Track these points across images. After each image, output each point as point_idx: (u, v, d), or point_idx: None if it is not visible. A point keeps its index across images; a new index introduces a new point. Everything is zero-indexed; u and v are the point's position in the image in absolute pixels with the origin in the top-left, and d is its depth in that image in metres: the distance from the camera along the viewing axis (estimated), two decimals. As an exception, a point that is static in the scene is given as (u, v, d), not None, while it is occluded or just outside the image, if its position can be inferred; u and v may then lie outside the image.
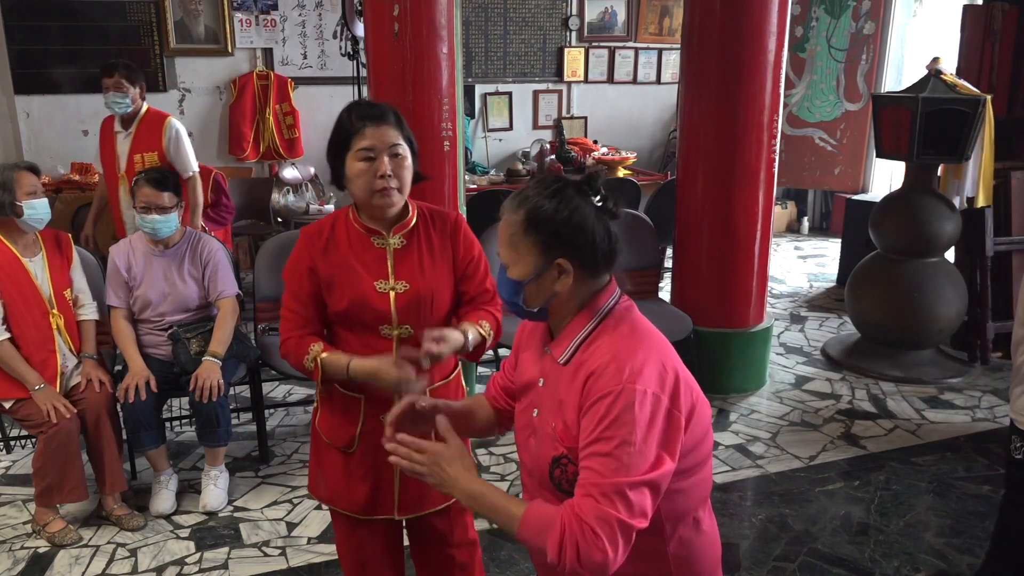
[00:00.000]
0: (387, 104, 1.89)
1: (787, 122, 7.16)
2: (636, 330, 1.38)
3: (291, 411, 4.08)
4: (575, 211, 1.35)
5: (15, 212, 2.96)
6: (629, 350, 1.32)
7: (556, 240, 1.35)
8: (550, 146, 6.86)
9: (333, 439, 1.99)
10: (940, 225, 4.34)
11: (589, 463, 1.28)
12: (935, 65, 4.33)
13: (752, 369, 4.28)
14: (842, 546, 2.95)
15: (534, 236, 1.36)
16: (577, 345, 1.39)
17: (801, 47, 7.06)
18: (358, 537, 2.07)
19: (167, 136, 3.99)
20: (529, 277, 1.38)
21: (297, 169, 6.40)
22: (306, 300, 1.90)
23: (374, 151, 1.79)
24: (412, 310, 1.88)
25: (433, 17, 3.27)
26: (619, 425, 1.26)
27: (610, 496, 1.24)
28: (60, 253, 3.17)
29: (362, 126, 1.79)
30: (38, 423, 2.91)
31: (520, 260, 1.39)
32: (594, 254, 1.36)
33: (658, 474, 1.27)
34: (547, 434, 1.41)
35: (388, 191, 1.81)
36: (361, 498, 1.99)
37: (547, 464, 1.40)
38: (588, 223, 1.35)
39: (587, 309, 1.40)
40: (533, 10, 7.03)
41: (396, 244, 1.90)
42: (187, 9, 6.05)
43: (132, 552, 2.93)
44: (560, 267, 1.36)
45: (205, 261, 3.26)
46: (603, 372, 1.30)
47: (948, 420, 3.97)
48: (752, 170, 3.99)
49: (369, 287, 1.86)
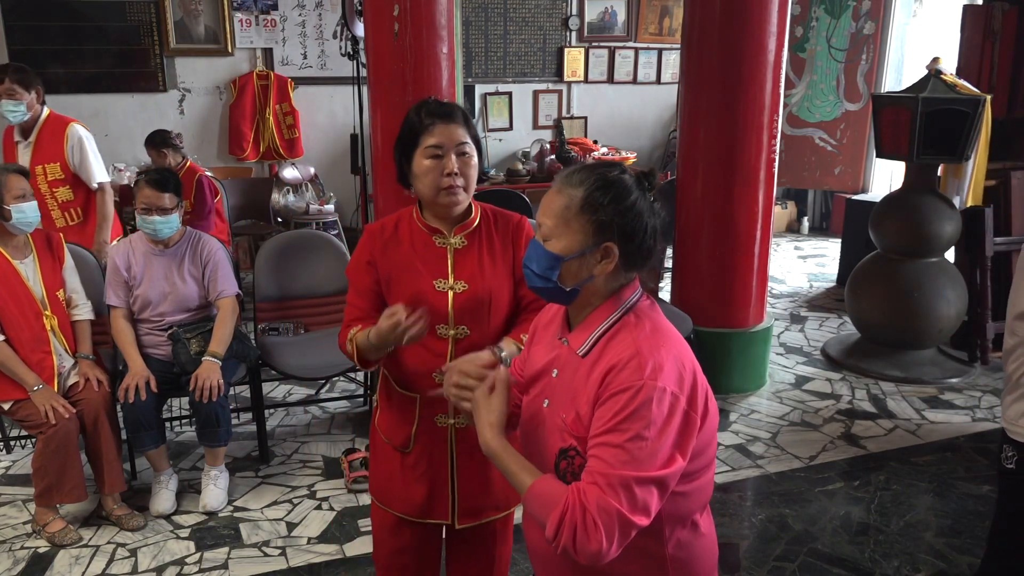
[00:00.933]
0: (456, 103, 1.89)
1: (787, 122, 7.16)
2: (658, 328, 1.38)
3: (291, 411, 4.08)
4: (637, 202, 1.36)
5: (3, 216, 2.95)
6: (651, 347, 1.32)
7: (611, 225, 1.34)
8: (550, 146, 6.86)
9: (391, 438, 1.98)
10: (940, 225, 4.34)
11: (599, 452, 1.28)
12: (935, 65, 4.33)
13: (752, 369, 4.28)
14: (842, 546, 2.95)
15: (592, 215, 1.35)
16: (598, 337, 1.38)
17: (801, 47, 7.06)
18: (402, 541, 2.03)
19: (69, 144, 3.71)
20: (573, 254, 1.36)
21: (297, 169, 6.41)
22: (364, 293, 1.90)
23: (442, 148, 1.78)
24: (470, 311, 1.86)
25: (433, 17, 3.27)
26: (635, 419, 1.26)
27: (615, 488, 1.24)
28: (51, 254, 3.16)
29: (431, 123, 1.79)
30: (37, 424, 2.91)
31: (568, 235, 1.37)
32: (640, 248, 1.37)
33: (667, 473, 1.27)
34: (556, 425, 1.41)
35: (454, 189, 1.80)
36: (417, 500, 1.96)
37: (553, 456, 1.39)
38: (644, 217, 1.36)
39: (613, 299, 1.40)
40: (533, 10, 7.03)
41: (457, 244, 1.88)
42: (187, 9, 6.05)
43: (132, 552, 2.93)
44: (607, 250, 1.36)
45: (205, 261, 3.26)
46: (624, 366, 1.30)
47: (948, 420, 3.97)
48: (752, 170, 3.99)
49: (428, 285, 1.85)
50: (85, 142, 3.77)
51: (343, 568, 2.82)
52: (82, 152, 3.75)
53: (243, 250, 6.10)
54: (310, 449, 3.67)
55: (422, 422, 1.93)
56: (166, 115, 6.10)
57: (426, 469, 1.95)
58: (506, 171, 6.43)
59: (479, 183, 1.91)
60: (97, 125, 6.03)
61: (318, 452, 3.65)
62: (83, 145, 3.76)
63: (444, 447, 1.93)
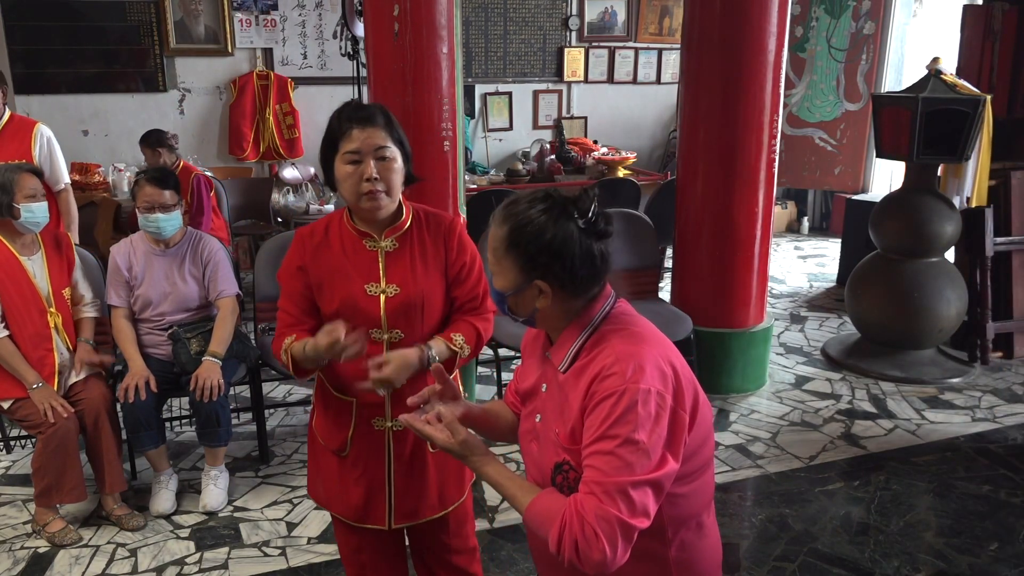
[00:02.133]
0: (377, 105, 1.86)
1: (787, 122, 7.16)
2: (636, 331, 1.38)
3: (291, 411, 4.08)
4: (556, 236, 1.33)
5: (12, 214, 2.97)
6: (631, 350, 1.32)
7: (534, 263, 1.34)
8: (550, 146, 6.86)
9: (327, 441, 1.99)
10: (940, 225, 4.34)
11: (592, 461, 1.28)
12: (935, 65, 4.33)
13: (752, 369, 4.28)
14: (842, 546, 2.95)
15: (514, 255, 1.36)
16: (574, 354, 1.39)
17: (801, 47, 7.06)
18: (356, 540, 2.06)
19: (38, 144, 3.67)
20: (510, 291, 1.39)
21: (297, 169, 6.41)
22: (296, 299, 1.90)
23: (359, 154, 1.77)
24: (402, 314, 1.86)
25: (433, 17, 3.27)
26: (623, 424, 1.26)
27: (612, 495, 1.24)
28: (59, 253, 3.17)
29: (349, 128, 1.77)
30: (36, 423, 2.91)
31: (502, 274, 1.40)
32: (572, 279, 1.35)
33: (661, 473, 1.27)
34: (550, 440, 1.41)
35: (374, 194, 1.78)
36: (355, 503, 1.97)
37: (550, 470, 1.40)
38: (569, 249, 1.33)
39: (577, 322, 1.40)
40: (533, 10, 7.03)
41: (388, 247, 1.88)
42: (187, 9, 6.05)
43: (132, 552, 2.93)
44: (539, 288, 1.36)
45: (205, 260, 3.26)
46: (607, 374, 1.30)
47: (948, 420, 3.97)
48: (752, 170, 3.99)
49: (359, 290, 1.85)
50: (54, 142, 3.77)
51: (343, 568, 2.81)
52: (51, 152, 3.75)
53: (243, 250, 6.10)
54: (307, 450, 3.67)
55: (359, 426, 1.93)
56: (166, 115, 6.10)
57: (363, 472, 1.95)
58: (506, 171, 6.43)
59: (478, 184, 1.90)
60: (97, 125, 6.07)
61: (318, 452, 3.64)
62: (52, 145, 3.76)
63: (381, 450, 1.94)
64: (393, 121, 1.84)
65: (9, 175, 2.96)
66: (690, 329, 3.97)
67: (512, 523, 3.03)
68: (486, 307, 1.97)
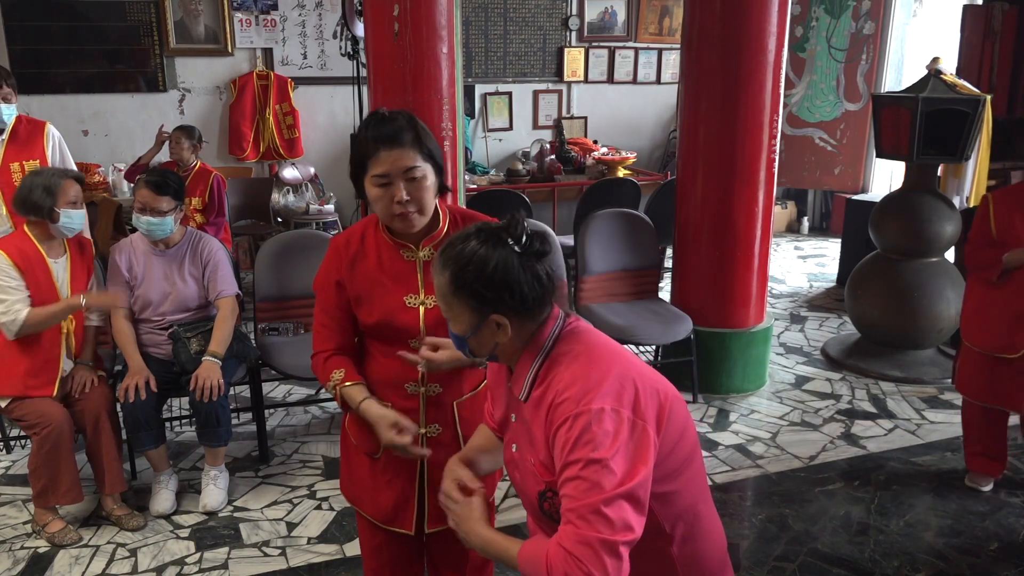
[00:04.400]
0: (404, 118, 1.77)
1: (787, 122, 7.16)
2: (586, 350, 1.38)
3: (291, 411, 4.08)
4: (498, 266, 1.32)
5: (52, 218, 2.99)
6: (580, 372, 1.33)
7: (484, 299, 1.34)
8: (550, 146, 6.86)
9: (360, 443, 1.96)
10: (940, 225, 4.34)
11: (565, 490, 1.28)
12: (935, 65, 4.33)
13: (752, 369, 4.28)
14: (842, 546, 2.95)
15: (464, 296, 1.35)
16: (531, 382, 1.39)
17: (801, 47, 7.06)
18: (379, 540, 2.04)
19: (51, 144, 3.70)
20: (468, 333, 1.39)
21: (297, 169, 6.40)
22: (334, 313, 1.88)
23: (388, 176, 1.72)
24: (442, 325, 1.79)
25: (433, 17, 3.27)
26: (581, 446, 1.26)
27: (586, 517, 1.24)
28: (82, 258, 3.20)
29: (376, 150, 1.72)
30: (32, 423, 2.92)
31: (455, 317, 1.40)
32: (524, 303, 1.35)
33: (632, 484, 1.26)
34: (528, 470, 1.42)
35: (407, 215, 1.75)
36: (385, 506, 1.96)
37: (535, 498, 1.41)
38: (513, 276, 1.33)
39: (530, 349, 1.40)
40: (533, 10, 7.03)
41: (426, 256, 1.84)
42: (187, 9, 6.05)
43: (132, 552, 2.93)
44: (496, 322, 1.36)
45: (205, 261, 3.26)
46: (559, 400, 1.31)
47: (948, 420, 3.97)
48: (752, 170, 3.99)
49: (398, 302, 1.82)
50: (63, 143, 3.80)
51: (343, 568, 2.82)
52: (63, 152, 3.78)
53: (243, 250, 6.09)
54: (310, 449, 3.67)
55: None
56: (166, 115, 6.10)
57: (395, 476, 1.93)
58: (506, 171, 6.42)
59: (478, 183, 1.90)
60: (97, 125, 6.07)
61: (318, 452, 3.65)
62: (63, 146, 3.79)
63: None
64: (421, 133, 1.76)
65: (56, 180, 3.00)
66: (690, 329, 3.97)
67: (512, 523, 3.03)
68: None
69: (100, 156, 5.99)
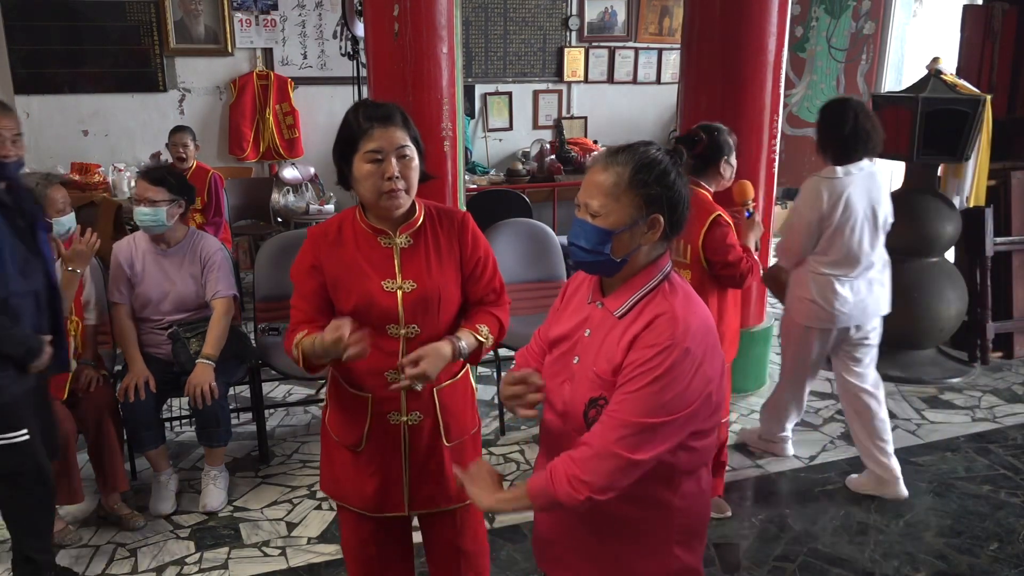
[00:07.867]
0: (393, 104, 1.88)
1: (787, 122, 7.16)
2: (689, 296, 1.50)
3: (291, 411, 4.08)
4: (675, 181, 1.47)
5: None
6: (683, 310, 1.44)
7: (654, 200, 1.44)
8: (550, 146, 6.86)
9: (341, 437, 1.99)
10: (940, 225, 4.34)
11: (617, 396, 1.41)
12: (935, 65, 4.33)
13: (752, 369, 4.28)
14: (842, 546, 2.95)
15: (640, 190, 1.44)
16: (637, 300, 1.48)
17: (801, 47, 7.06)
18: (366, 532, 2.06)
19: None
20: (623, 227, 1.45)
21: (297, 169, 6.40)
22: (309, 297, 1.91)
23: (382, 153, 1.79)
24: (419, 309, 1.88)
25: (433, 17, 3.27)
26: (655, 370, 1.38)
27: (616, 427, 1.39)
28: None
29: (369, 127, 1.79)
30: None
31: (618, 210, 1.45)
32: (681, 218, 1.49)
33: (675, 420, 1.39)
34: (587, 378, 1.50)
35: (396, 192, 1.81)
36: (371, 495, 1.98)
37: (583, 405, 1.49)
38: (682, 190, 1.48)
39: (651, 267, 1.50)
40: (533, 10, 7.03)
41: (403, 243, 1.90)
42: (187, 9, 6.05)
43: (132, 552, 2.93)
44: (654, 221, 1.45)
45: (204, 261, 3.25)
46: (657, 324, 1.42)
47: (948, 420, 3.97)
48: (752, 170, 3.98)
49: (376, 286, 1.86)
50: None
51: (343, 568, 2.80)
52: None
53: (243, 250, 6.10)
54: (310, 449, 3.67)
55: (374, 421, 1.94)
56: (166, 115, 6.10)
57: (378, 467, 1.96)
58: (506, 171, 6.43)
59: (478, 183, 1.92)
60: (97, 125, 6.07)
61: (318, 452, 3.63)
62: None
63: (397, 444, 1.95)
64: (409, 120, 1.87)
65: (39, 191, 2.98)
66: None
67: (512, 523, 3.03)
68: (503, 300, 2.02)
69: (100, 156, 5.99)
